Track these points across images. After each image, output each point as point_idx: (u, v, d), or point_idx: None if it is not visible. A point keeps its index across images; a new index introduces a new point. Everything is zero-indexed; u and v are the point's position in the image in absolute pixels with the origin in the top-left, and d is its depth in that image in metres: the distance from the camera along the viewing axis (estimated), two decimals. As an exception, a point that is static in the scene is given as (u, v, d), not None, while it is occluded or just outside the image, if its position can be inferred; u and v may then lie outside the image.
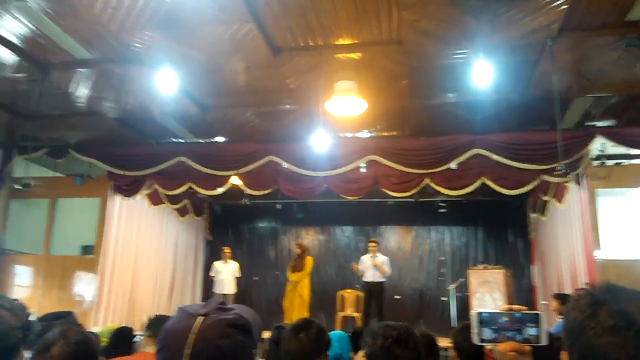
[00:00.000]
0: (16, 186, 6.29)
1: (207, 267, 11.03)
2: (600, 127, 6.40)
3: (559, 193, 7.45)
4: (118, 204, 8.17)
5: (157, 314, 3.31)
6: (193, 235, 10.93)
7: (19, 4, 4.36)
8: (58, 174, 8.41)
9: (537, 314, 1.17)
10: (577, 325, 0.95)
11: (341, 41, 4.88)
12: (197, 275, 11.13)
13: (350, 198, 8.44)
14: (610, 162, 6.53)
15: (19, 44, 5.06)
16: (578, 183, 6.62)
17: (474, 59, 4.88)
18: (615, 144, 6.25)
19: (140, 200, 8.63)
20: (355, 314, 9.01)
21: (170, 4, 4.22)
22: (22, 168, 7.03)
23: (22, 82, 5.84)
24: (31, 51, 5.20)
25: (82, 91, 6.03)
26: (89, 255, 8.03)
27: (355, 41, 4.87)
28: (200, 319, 1.01)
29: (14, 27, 4.74)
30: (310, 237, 11.50)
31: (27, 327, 1.70)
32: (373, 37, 4.80)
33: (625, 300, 0.93)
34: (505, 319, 1.18)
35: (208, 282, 10.64)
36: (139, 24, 4.55)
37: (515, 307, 1.19)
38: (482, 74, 4.90)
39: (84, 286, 7.81)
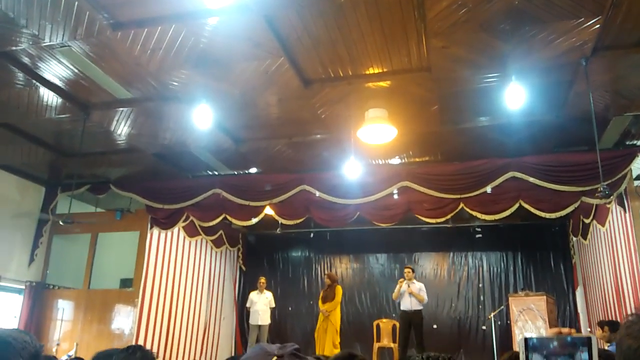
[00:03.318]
0: (61, 222, 6.52)
1: (241, 297, 11.07)
2: (640, 145, 6.24)
3: (600, 215, 7.21)
4: (156, 237, 8.34)
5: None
6: (227, 266, 11.00)
7: (64, 49, 4.61)
8: (99, 209, 8.69)
9: (589, 338, 1.14)
10: (631, 353, 0.92)
11: (371, 70, 4.93)
12: (233, 306, 11.15)
13: (383, 225, 8.38)
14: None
15: (63, 87, 5.33)
16: (621, 204, 6.40)
17: (506, 82, 4.84)
18: (657, 162, 6.07)
19: (177, 233, 8.80)
20: (392, 345, 8.82)
21: (205, 43, 4.39)
22: (65, 205, 7.30)
23: (66, 123, 6.12)
24: (74, 93, 5.46)
25: (122, 129, 6.27)
26: (128, 288, 8.18)
27: (385, 70, 4.90)
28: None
29: (58, 71, 5.00)
30: (344, 266, 11.39)
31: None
32: (402, 65, 4.82)
33: None
34: (555, 343, 1.14)
35: (243, 313, 10.64)
36: (177, 64, 4.74)
37: (565, 330, 1.16)
38: (515, 96, 4.84)
39: (123, 319, 7.94)
